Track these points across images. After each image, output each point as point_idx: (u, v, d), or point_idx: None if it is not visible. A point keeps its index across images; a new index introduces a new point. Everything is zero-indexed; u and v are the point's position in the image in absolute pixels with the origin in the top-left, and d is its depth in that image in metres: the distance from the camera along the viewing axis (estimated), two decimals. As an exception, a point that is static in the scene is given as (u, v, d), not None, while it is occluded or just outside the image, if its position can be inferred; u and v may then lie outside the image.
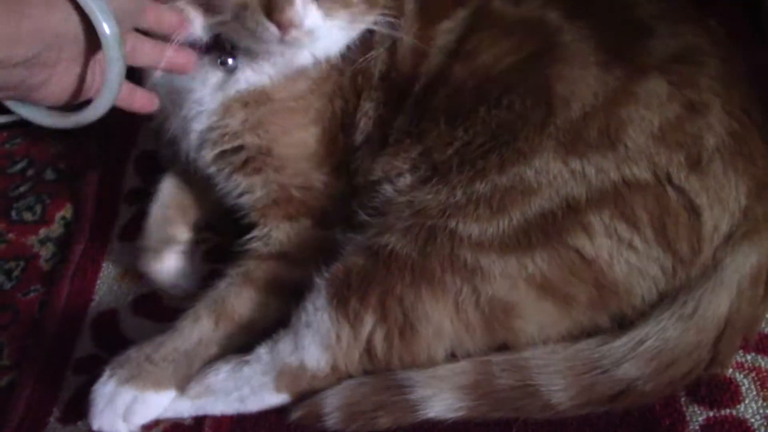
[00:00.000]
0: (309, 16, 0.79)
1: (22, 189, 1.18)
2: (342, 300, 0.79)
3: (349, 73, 0.91)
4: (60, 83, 0.70)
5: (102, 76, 0.73)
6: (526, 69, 0.81)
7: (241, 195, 0.94)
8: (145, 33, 0.82)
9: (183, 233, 1.01)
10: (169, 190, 1.03)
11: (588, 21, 0.82)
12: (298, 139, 0.91)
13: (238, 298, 0.88)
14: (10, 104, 0.72)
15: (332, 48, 0.87)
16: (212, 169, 0.94)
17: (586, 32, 0.81)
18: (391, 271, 0.78)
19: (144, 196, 1.09)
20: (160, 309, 0.98)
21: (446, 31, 0.88)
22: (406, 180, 0.83)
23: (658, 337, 0.75)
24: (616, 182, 0.74)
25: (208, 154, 0.93)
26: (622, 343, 0.75)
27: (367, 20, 0.87)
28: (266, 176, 0.92)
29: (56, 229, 1.12)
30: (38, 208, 1.15)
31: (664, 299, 0.76)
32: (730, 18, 1.02)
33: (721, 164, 0.75)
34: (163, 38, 0.82)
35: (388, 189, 0.84)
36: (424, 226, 0.78)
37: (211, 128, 0.91)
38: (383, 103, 0.90)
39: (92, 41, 0.70)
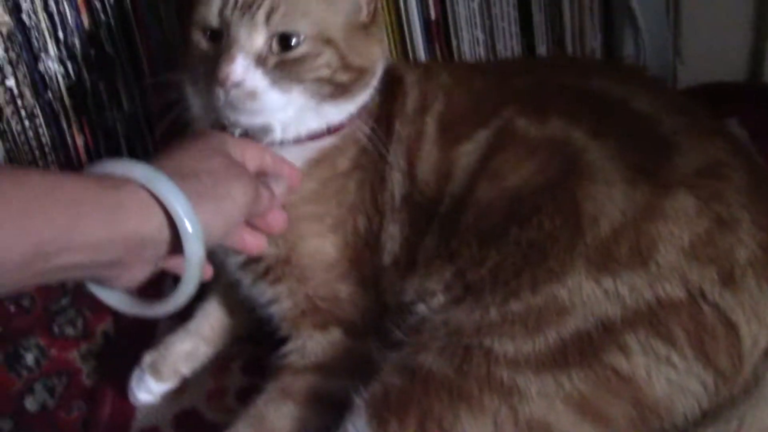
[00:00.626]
0: (250, 77, 0.83)
1: (63, 302, 1.21)
2: (381, 421, 0.78)
3: (368, 189, 0.93)
4: (132, 278, 0.71)
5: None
6: (554, 189, 0.82)
7: (269, 304, 0.95)
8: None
9: (192, 369, 1.04)
10: (208, 317, 1.06)
11: (613, 139, 0.83)
12: (316, 248, 0.93)
13: (278, 414, 0.88)
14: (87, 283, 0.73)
15: (298, 127, 0.90)
16: (238, 276, 0.97)
17: (611, 151, 0.82)
18: (428, 391, 0.77)
19: (184, 308, 1.11)
20: (202, 425, 0.99)
21: (468, 152, 0.89)
22: (440, 300, 0.84)
23: None
24: (649, 301, 0.74)
25: (233, 262, 0.96)
26: None
27: (340, 109, 0.91)
28: (290, 286, 0.93)
29: (97, 343, 1.14)
30: (79, 322, 1.17)
31: (707, 417, 0.75)
32: (753, 114, 1.04)
33: (754, 278, 0.75)
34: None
35: (421, 308, 0.85)
36: (459, 344, 0.78)
37: None
38: (408, 224, 0.91)
39: (173, 247, 0.70)
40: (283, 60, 0.85)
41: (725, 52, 1.20)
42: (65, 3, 1.14)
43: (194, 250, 0.70)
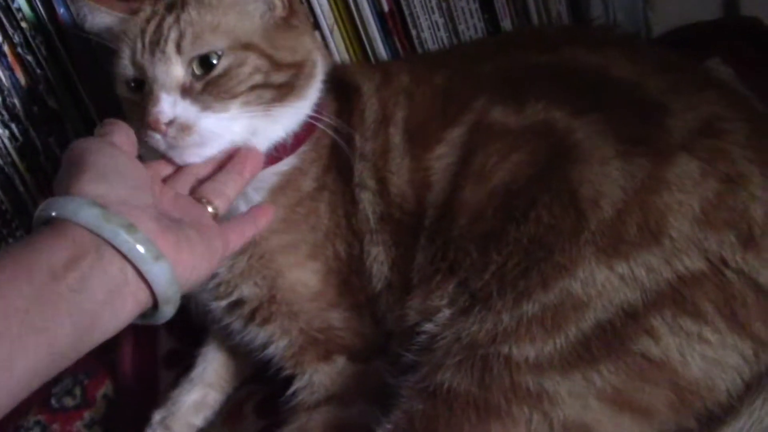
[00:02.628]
0: (180, 111, 0.79)
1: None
2: None
3: (341, 212, 0.89)
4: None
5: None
6: (546, 178, 0.77)
7: (265, 347, 0.90)
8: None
9: (204, 419, 0.99)
10: (211, 363, 1.01)
11: (598, 114, 0.78)
12: (297, 279, 0.88)
13: (300, 456, 0.84)
14: None
15: (259, 142, 0.85)
16: (226, 322, 0.92)
17: (599, 126, 0.77)
18: (454, 411, 0.73)
19: (183, 357, 1.07)
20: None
21: (442, 156, 0.85)
22: (445, 314, 0.79)
23: (756, 428, 0.69)
24: (670, 279, 0.70)
25: (217, 307, 0.91)
26: None
27: (295, 110, 0.86)
28: (281, 324, 0.88)
29: (100, 409, 1.08)
30: (77, 391, 1.11)
31: (752, 387, 0.71)
32: (736, 50, 0.99)
33: None
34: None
35: (428, 327, 0.80)
36: (476, 356, 0.74)
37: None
38: (393, 245, 0.87)
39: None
40: (209, 81, 0.81)
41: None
42: (-5, 64, 1.07)
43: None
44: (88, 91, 1.12)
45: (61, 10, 1.07)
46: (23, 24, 1.07)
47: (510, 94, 0.84)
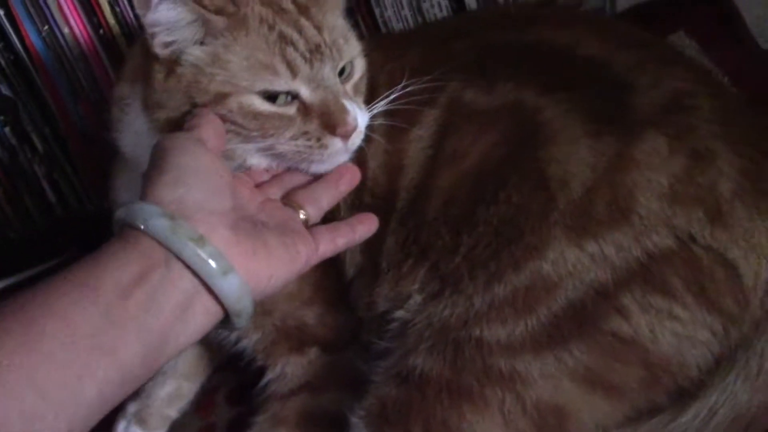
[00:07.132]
0: (360, 117, 0.76)
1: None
2: None
3: None
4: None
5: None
6: (515, 158, 0.76)
7: (237, 341, 0.88)
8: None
9: (179, 410, 0.98)
10: (183, 354, 0.98)
11: (566, 92, 0.77)
12: None
13: (274, 444, 0.83)
14: None
15: None
16: None
17: (567, 105, 0.76)
18: (426, 395, 0.73)
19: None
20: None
21: (418, 138, 0.82)
22: (417, 300, 0.78)
23: (729, 403, 0.70)
24: (639, 257, 0.70)
25: None
26: (692, 417, 0.71)
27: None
28: (254, 320, 0.85)
29: None
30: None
31: (722, 363, 0.71)
32: (703, 24, 0.99)
33: (743, 209, 0.71)
34: None
35: (399, 314, 0.79)
36: (448, 340, 0.73)
37: None
38: None
39: None
40: (354, 85, 0.79)
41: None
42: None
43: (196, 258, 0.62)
44: (46, 83, 1.09)
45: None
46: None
47: (481, 75, 0.82)
